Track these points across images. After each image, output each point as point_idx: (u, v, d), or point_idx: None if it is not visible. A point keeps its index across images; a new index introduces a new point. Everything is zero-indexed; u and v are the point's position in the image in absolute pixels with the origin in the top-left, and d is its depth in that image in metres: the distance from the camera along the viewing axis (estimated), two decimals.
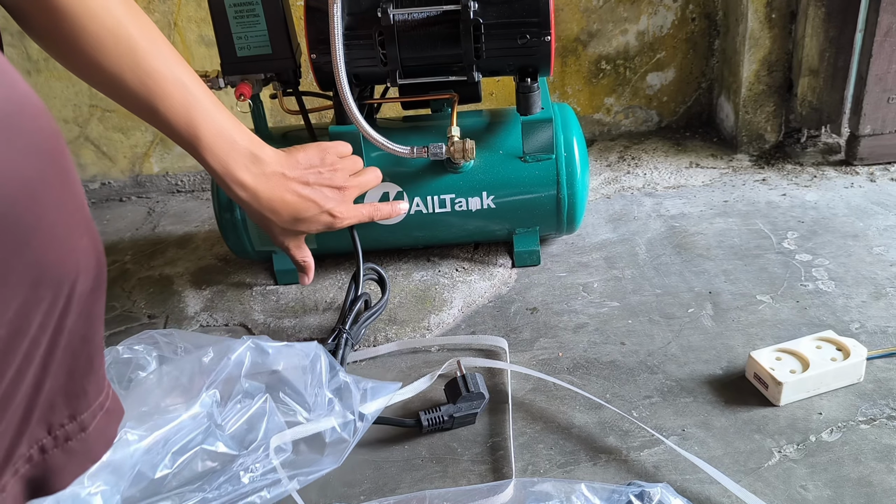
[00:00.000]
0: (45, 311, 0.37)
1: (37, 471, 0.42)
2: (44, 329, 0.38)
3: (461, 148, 0.85)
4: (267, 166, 0.73)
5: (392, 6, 0.81)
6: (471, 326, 0.86)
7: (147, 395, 0.64)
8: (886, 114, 1.09)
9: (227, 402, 0.66)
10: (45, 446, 0.42)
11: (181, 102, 0.67)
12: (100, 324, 0.43)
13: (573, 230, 0.97)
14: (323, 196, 0.76)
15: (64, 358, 0.40)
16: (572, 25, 1.24)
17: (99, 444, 0.46)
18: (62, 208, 0.36)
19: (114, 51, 0.63)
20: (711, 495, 0.60)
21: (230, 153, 0.70)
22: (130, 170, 1.31)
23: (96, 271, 0.40)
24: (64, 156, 0.37)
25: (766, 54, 1.16)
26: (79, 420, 0.43)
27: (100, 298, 0.42)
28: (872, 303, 0.82)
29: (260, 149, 0.73)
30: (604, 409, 0.70)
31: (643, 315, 0.84)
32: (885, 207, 1.01)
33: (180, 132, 0.68)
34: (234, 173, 0.71)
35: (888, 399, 0.68)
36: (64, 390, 0.42)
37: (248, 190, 0.72)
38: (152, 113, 0.67)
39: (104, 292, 0.42)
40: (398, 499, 0.61)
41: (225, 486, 0.62)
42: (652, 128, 1.34)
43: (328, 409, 0.69)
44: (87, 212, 0.40)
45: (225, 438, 0.65)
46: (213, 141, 0.69)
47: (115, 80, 0.65)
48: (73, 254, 0.38)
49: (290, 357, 0.69)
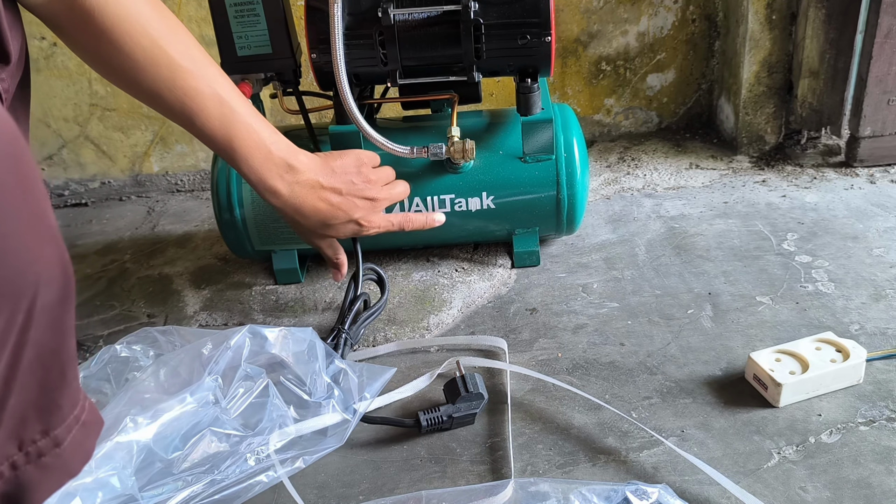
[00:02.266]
0: (2, 328, 0.35)
1: (9, 487, 0.41)
2: (2, 345, 0.36)
3: (461, 148, 0.85)
4: (301, 175, 0.74)
5: (392, 6, 0.81)
6: (470, 327, 0.85)
7: (147, 385, 0.65)
8: (886, 116, 1.09)
9: (230, 386, 0.67)
10: (17, 463, 0.41)
11: (217, 117, 0.69)
12: (71, 335, 0.42)
13: (573, 231, 0.97)
14: (353, 206, 0.78)
15: (33, 372, 0.39)
16: (572, 26, 1.24)
17: (76, 459, 0.45)
18: (20, 217, 0.35)
19: (150, 69, 0.65)
20: (711, 496, 0.60)
21: (265, 164, 0.72)
22: (130, 169, 1.31)
23: (62, 281, 0.39)
24: (23, 160, 0.35)
25: (766, 56, 1.16)
26: (52, 435, 0.43)
27: (69, 309, 0.41)
28: (872, 304, 0.82)
29: (295, 158, 0.74)
30: (603, 409, 0.70)
31: (643, 316, 0.84)
32: (884, 209, 1.01)
33: (217, 143, 0.70)
34: (268, 182, 0.73)
35: (888, 401, 0.68)
36: (35, 405, 0.41)
37: (280, 198, 0.74)
38: (190, 125, 0.69)
39: (73, 302, 0.41)
40: (395, 499, 0.61)
41: (232, 468, 0.64)
42: (652, 129, 1.34)
43: (328, 392, 0.70)
44: (52, 219, 0.38)
45: (231, 421, 0.66)
46: (248, 153, 0.71)
47: (153, 95, 0.66)
48: (33, 265, 0.36)
49: (288, 343, 0.71)
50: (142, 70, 0.64)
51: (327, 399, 0.69)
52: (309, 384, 0.70)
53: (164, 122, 1.27)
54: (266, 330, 0.71)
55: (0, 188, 0.33)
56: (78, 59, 0.67)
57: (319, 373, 0.70)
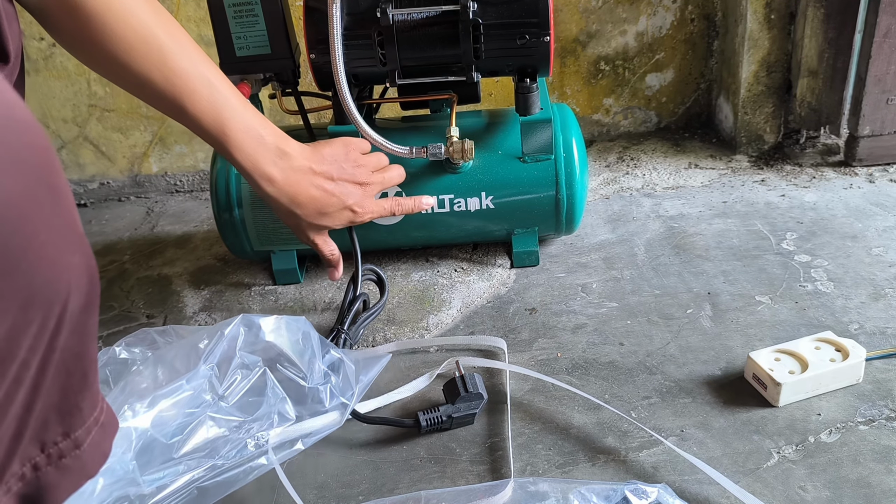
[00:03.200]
0: (35, 334, 0.36)
1: (30, 488, 0.41)
2: (34, 351, 0.37)
3: (460, 148, 0.85)
4: (294, 161, 0.73)
5: (391, 6, 0.81)
6: (469, 327, 0.85)
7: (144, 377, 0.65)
8: (885, 115, 1.09)
9: (226, 375, 0.67)
10: (39, 464, 0.41)
11: (208, 100, 0.68)
12: (93, 339, 0.42)
13: (572, 231, 0.97)
14: (346, 191, 0.77)
15: (57, 376, 0.40)
16: (571, 26, 1.24)
17: (94, 460, 0.45)
18: (53, 227, 0.35)
19: (140, 52, 0.64)
20: (710, 496, 0.60)
21: (258, 149, 0.71)
22: (129, 170, 1.31)
23: (88, 288, 0.39)
24: (54, 171, 0.36)
25: (765, 55, 1.16)
26: (73, 437, 0.43)
27: (93, 315, 0.41)
28: (871, 304, 0.82)
29: (286, 144, 0.73)
30: (602, 409, 0.70)
31: (642, 316, 0.84)
32: (883, 208, 1.01)
33: (208, 129, 0.69)
34: (263, 168, 0.72)
35: (887, 400, 0.68)
36: (57, 408, 0.41)
37: (275, 184, 0.73)
38: (180, 111, 0.68)
39: (97, 308, 0.42)
40: (395, 499, 0.61)
41: (231, 453, 0.64)
42: (651, 128, 1.34)
43: (325, 378, 0.70)
44: (79, 227, 0.38)
45: (230, 408, 0.66)
46: (240, 137, 0.70)
47: (143, 81, 0.65)
48: (64, 273, 0.37)
49: (283, 331, 0.71)
50: (131, 53, 0.63)
51: (325, 385, 0.70)
52: (306, 371, 0.70)
53: (162, 123, 1.27)
54: (260, 319, 0.71)
55: (35, 199, 0.34)
56: (77, 60, 0.66)
57: (315, 359, 0.71)
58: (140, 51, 0.64)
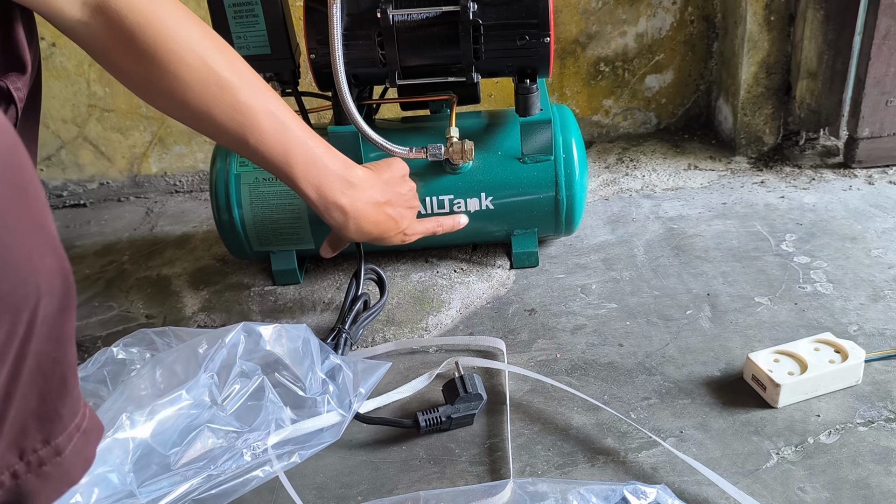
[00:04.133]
0: (3, 340, 0.35)
1: (10, 496, 0.41)
2: (2, 358, 0.36)
3: (460, 149, 0.85)
4: (361, 191, 0.72)
5: (391, 7, 0.81)
6: (469, 327, 0.85)
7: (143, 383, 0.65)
8: (885, 116, 1.09)
9: (225, 384, 0.67)
10: (18, 472, 0.41)
11: (272, 133, 0.66)
12: (71, 343, 0.42)
13: (571, 232, 0.97)
14: (402, 216, 0.77)
15: (33, 382, 0.39)
16: (571, 27, 1.24)
17: (77, 467, 0.45)
18: (20, 229, 0.34)
19: (200, 89, 0.62)
20: (709, 497, 0.60)
21: (323, 180, 0.70)
22: (128, 170, 1.31)
23: (62, 291, 0.38)
24: (22, 170, 0.35)
25: (764, 57, 1.16)
26: (53, 444, 0.42)
27: (69, 318, 0.40)
28: (870, 305, 0.82)
29: (351, 173, 0.72)
30: (602, 410, 0.70)
31: (641, 317, 0.84)
32: (883, 210, 1.01)
33: (273, 161, 0.67)
34: (330, 198, 0.70)
35: (886, 401, 0.68)
36: (36, 414, 0.41)
37: (345, 214, 0.71)
38: (244, 144, 0.66)
39: (74, 312, 0.41)
40: (394, 500, 0.61)
41: (229, 464, 0.64)
42: (650, 130, 1.34)
43: (323, 388, 0.70)
44: (52, 229, 0.37)
45: (227, 418, 0.66)
46: (306, 168, 0.68)
47: (204, 116, 0.63)
48: (33, 276, 0.36)
49: (283, 339, 0.71)
50: (190, 89, 0.61)
51: (322, 395, 0.69)
52: (304, 380, 0.70)
53: (162, 123, 1.27)
54: (260, 327, 0.71)
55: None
56: (76, 59, 0.66)
57: (314, 369, 0.70)
58: (198, 87, 0.61)
